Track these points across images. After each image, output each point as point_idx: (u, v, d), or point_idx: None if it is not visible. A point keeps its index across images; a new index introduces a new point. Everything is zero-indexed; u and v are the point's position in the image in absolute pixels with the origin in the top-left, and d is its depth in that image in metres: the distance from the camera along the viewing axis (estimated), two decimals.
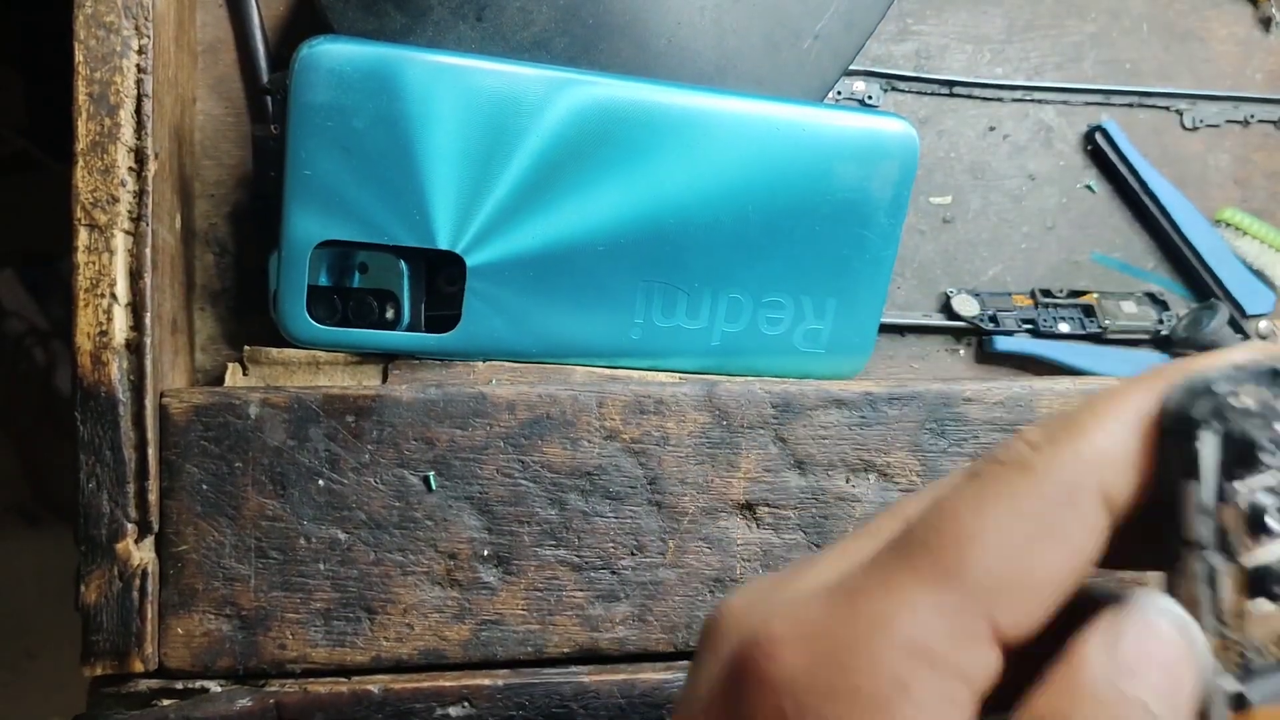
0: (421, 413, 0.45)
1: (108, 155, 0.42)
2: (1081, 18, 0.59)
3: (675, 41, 0.49)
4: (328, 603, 0.44)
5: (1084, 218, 0.59)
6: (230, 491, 0.44)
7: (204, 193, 0.52)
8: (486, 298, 0.47)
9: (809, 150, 0.48)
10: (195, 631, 0.43)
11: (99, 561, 0.42)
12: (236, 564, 0.44)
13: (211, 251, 0.52)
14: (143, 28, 0.43)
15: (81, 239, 0.42)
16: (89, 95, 0.42)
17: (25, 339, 1.40)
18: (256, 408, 0.44)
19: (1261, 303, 0.57)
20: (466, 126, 0.45)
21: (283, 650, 0.44)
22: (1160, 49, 0.59)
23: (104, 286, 0.42)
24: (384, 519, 0.44)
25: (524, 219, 0.46)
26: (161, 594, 0.43)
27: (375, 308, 0.47)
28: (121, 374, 0.42)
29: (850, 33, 0.52)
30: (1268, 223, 0.59)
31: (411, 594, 0.45)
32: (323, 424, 0.44)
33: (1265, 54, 0.60)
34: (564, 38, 0.48)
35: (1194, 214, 0.58)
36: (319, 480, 0.44)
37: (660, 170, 0.47)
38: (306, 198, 0.44)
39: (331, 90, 0.44)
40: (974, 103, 0.58)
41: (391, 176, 0.45)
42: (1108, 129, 0.58)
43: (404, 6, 0.47)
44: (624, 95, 0.46)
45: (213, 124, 0.52)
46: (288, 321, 0.46)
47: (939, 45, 0.58)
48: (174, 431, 0.43)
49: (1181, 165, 0.59)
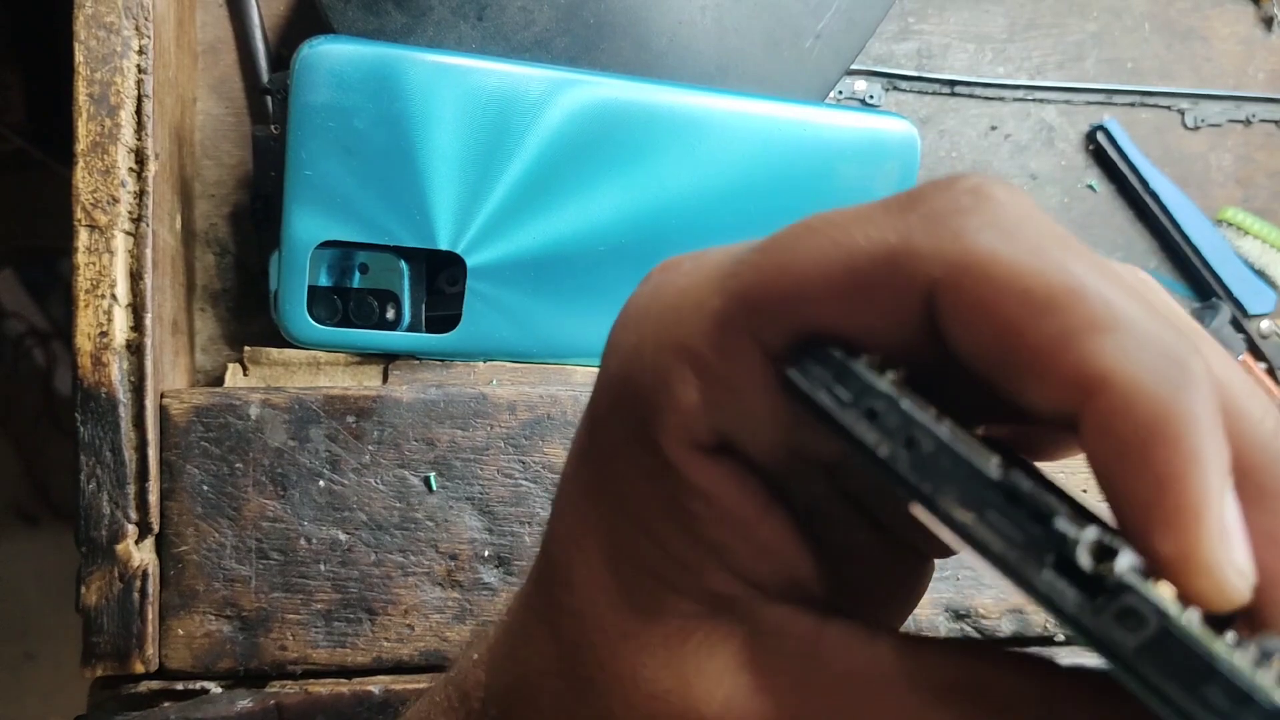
0: (422, 413, 0.45)
1: (108, 156, 0.42)
2: (1083, 17, 0.59)
3: (676, 41, 0.49)
4: (328, 604, 0.44)
5: (1086, 217, 0.59)
6: (231, 492, 0.43)
7: (204, 193, 0.52)
8: (487, 298, 0.47)
9: (810, 150, 0.48)
10: (196, 633, 0.43)
11: (100, 563, 0.42)
12: (237, 565, 0.43)
13: (212, 252, 0.52)
14: (143, 28, 0.43)
15: (82, 240, 0.42)
16: (89, 96, 0.42)
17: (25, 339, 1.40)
18: (257, 408, 0.44)
19: (1263, 302, 0.57)
20: (467, 127, 0.45)
21: (283, 651, 0.44)
22: (1162, 48, 0.59)
23: (104, 287, 0.42)
24: (385, 520, 0.44)
25: (525, 219, 0.46)
26: (162, 595, 0.43)
27: (376, 308, 0.47)
28: (122, 375, 0.42)
29: (851, 32, 0.52)
30: (1269, 222, 0.59)
31: (412, 595, 0.44)
32: (323, 425, 0.44)
33: (1267, 53, 0.60)
34: (565, 37, 0.48)
35: (1196, 213, 0.58)
36: (320, 481, 0.44)
37: (662, 170, 0.47)
38: (307, 198, 0.44)
39: (332, 90, 0.43)
40: (975, 102, 0.58)
41: (392, 176, 0.45)
42: (1109, 128, 0.57)
43: (405, 6, 0.47)
44: (625, 95, 0.46)
45: (213, 124, 0.52)
46: (288, 322, 0.46)
47: (940, 44, 0.58)
48: (174, 432, 0.43)
49: (1183, 165, 0.59)
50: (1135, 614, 0.14)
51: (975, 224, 0.17)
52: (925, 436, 0.16)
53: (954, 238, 0.17)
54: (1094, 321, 0.16)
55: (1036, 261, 0.16)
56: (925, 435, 0.16)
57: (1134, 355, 0.15)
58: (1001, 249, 0.16)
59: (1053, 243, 0.16)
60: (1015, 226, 0.17)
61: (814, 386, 0.18)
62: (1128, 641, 0.14)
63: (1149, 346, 0.15)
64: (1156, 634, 0.13)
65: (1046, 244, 0.16)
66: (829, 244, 0.18)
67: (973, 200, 0.17)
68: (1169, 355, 0.15)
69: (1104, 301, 0.16)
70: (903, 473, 0.16)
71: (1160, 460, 0.15)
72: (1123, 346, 0.15)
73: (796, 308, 0.18)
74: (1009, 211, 0.17)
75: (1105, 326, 0.16)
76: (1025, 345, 0.16)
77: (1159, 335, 0.16)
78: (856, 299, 0.18)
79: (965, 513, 0.15)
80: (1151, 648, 0.13)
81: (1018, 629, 0.49)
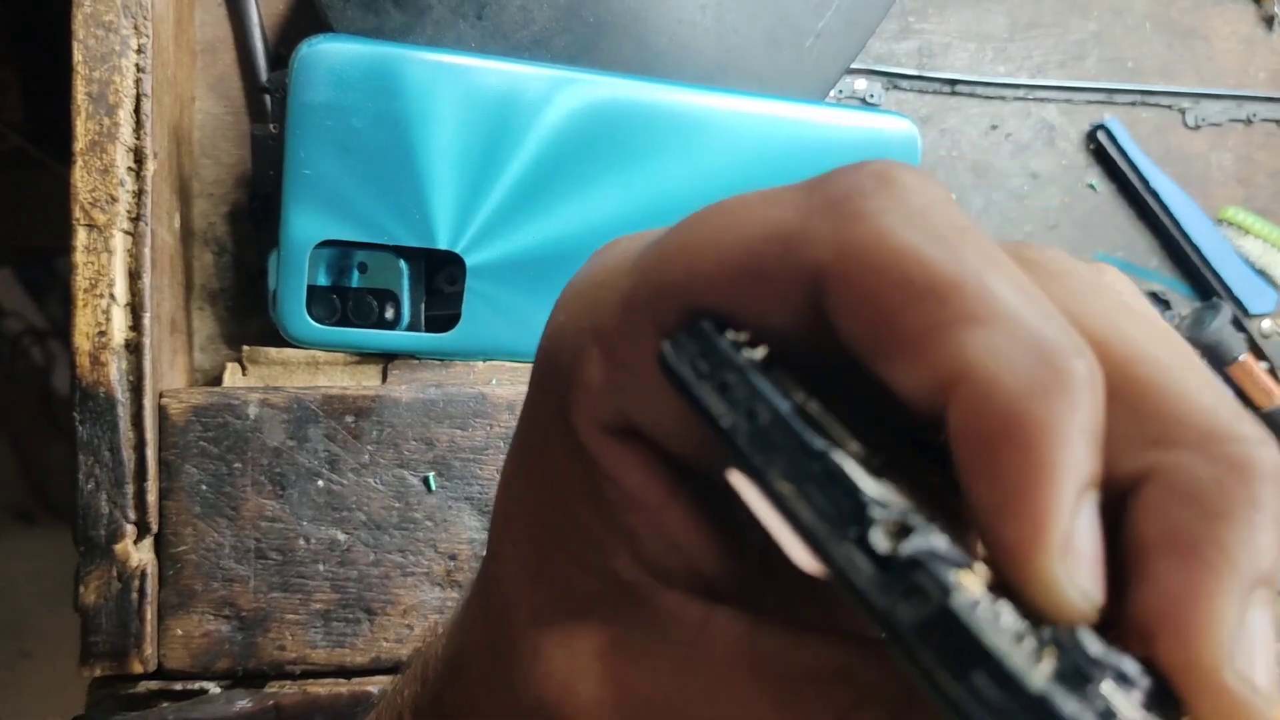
0: (421, 413, 0.45)
1: (106, 155, 0.42)
2: (1084, 16, 0.59)
3: (676, 40, 0.49)
4: (327, 604, 0.44)
5: (1087, 217, 0.58)
6: (229, 492, 0.43)
7: (203, 192, 0.51)
8: (487, 297, 0.46)
9: (810, 149, 0.48)
10: (194, 632, 0.43)
11: (98, 562, 0.41)
12: (235, 565, 0.43)
13: (210, 251, 0.52)
14: (141, 27, 0.42)
15: (80, 239, 0.42)
16: (88, 94, 0.42)
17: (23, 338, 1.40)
18: (256, 408, 0.44)
19: (1264, 302, 0.57)
20: (467, 125, 0.45)
21: (282, 651, 0.44)
22: (1163, 47, 0.59)
23: (103, 287, 0.42)
24: (384, 520, 0.44)
25: (525, 218, 0.46)
26: (160, 595, 0.43)
27: (375, 307, 0.47)
28: (120, 374, 0.42)
29: (852, 31, 0.51)
30: (1270, 222, 0.59)
31: (411, 595, 0.44)
32: (322, 424, 0.44)
33: (1268, 52, 0.60)
34: (564, 36, 0.48)
35: (1197, 213, 0.58)
36: (318, 481, 0.44)
37: (662, 169, 0.47)
38: (306, 197, 0.44)
39: (331, 89, 0.43)
40: (976, 101, 0.57)
41: (391, 176, 0.44)
42: (1110, 128, 0.57)
43: (403, 5, 0.47)
44: (625, 94, 0.46)
45: (212, 123, 0.52)
46: (287, 321, 0.45)
47: (941, 44, 0.57)
48: (173, 432, 0.43)
49: (1184, 164, 0.59)
50: (921, 591, 0.13)
51: (873, 208, 0.16)
52: (764, 409, 0.16)
53: (847, 221, 0.16)
54: (968, 314, 0.15)
55: (924, 249, 0.15)
56: (764, 407, 0.16)
57: (1001, 352, 0.15)
58: (890, 234, 0.16)
59: (949, 232, 0.16)
60: (913, 213, 0.16)
61: (679, 360, 0.18)
62: (907, 617, 0.13)
63: (1021, 344, 0.15)
64: (935, 612, 0.13)
65: (942, 233, 0.16)
66: (731, 223, 0.18)
67: (875, 184, 0.17)
68: (1043, 356, 0.14)
69: (984, 295, 0.15)
70: (740, 443, 0.16)
71: (1009, 465, 0.14)
72: (991, 342, 0.15)
73: (691, 288, 0.18)
74: (911, 198, 0.16)
75: (978, 320, 0.15)
76: (896, 333, 0.15)
77: (1039, 335, 0.15)
78: (746, 280, 0.17)
79: (786, 484, 0.15)
80: (929, 626, 0.13)
81: None
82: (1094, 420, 0.15)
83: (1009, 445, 0.14)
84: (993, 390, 0.14)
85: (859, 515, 0.14)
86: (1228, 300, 0.57)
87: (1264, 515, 0.14)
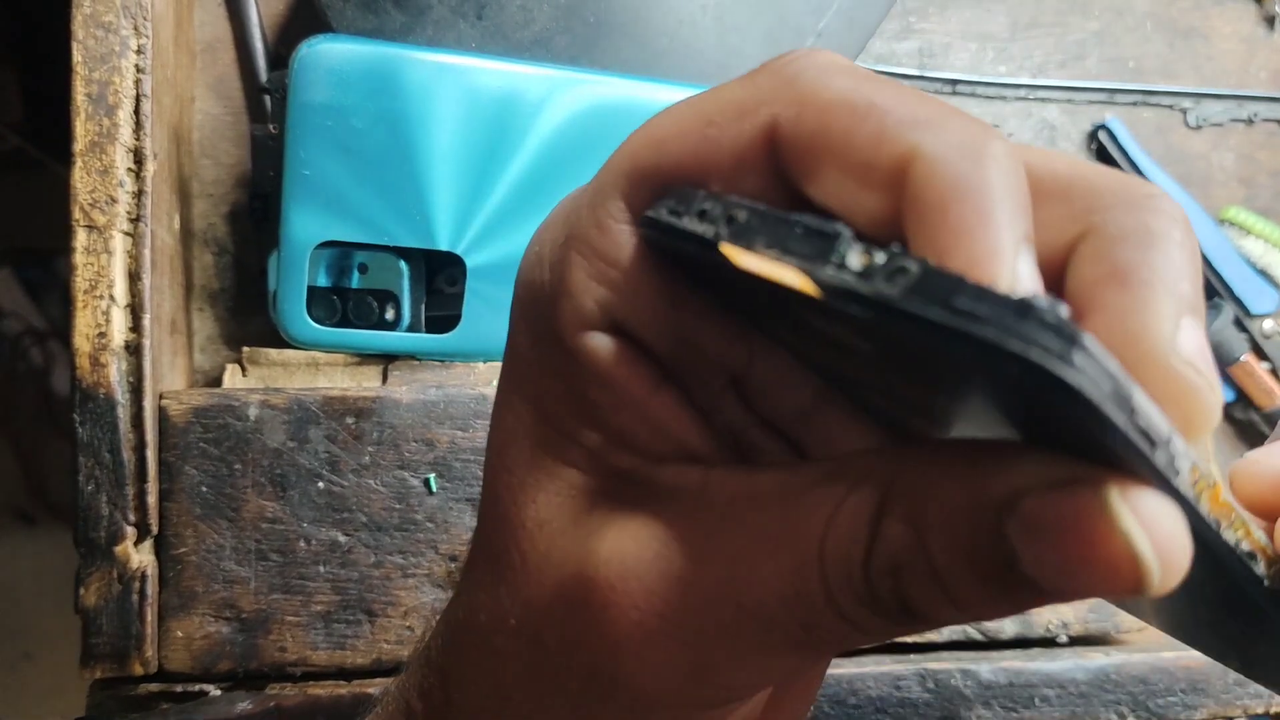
0: (422, 414, 0.44)
1: (106, 155, 0.42)
2: (1085, 15, 0.59)
3: (677, 40, 0.49)
4: (328, 605, 0.44)
5: None
6: (230, 493, 0.43)
7: (202, 192, 0.51)
8: (487, 298, 0.46)
9: None
10: (195, 634, 0.43)
11: (98, 564, 0.41)
12: (236, 566, 0.43)
13: (210, 252, 0.52)
14: (141, 27, 0.42)
15: (80, 240, 0.42)
16: (87, 95, 0.42)
17: (22, 339, 1.40)
18: (256, 409, 0.43)
19: (1266, 302, 0.57)
20: (467, 126, 0.45)
21: (283, 653, 0.44)
22: (1164, 47, 0.59)
23: (102, 288, 0.41)
24: (384, 521, 0.44)
25: (525, 219, 0.46)
26: (161, 596, 0.43)
27: (375, 308, 0.47)
28: (120, 375, 0.42)
29: (853, 31, 0.51)
30: (1272, 221, 0.59)
31: (412, 596, 0.44)
32: (322, 425, 0.44)
33: (1269, 52, 0.60)
34: (565, 36, 0.48)
35: (1198, 213, 0.58)
36: (319, 482, 0.44)
37: None
38: (306, 197, 0.44)
39: (331, 89, 0.43)
40: (977, 101, 0.57)
41: (391, 176, 0.44)
42: (1111, 127, 0.57)
43: (403, 5, 0.47)
44: (625, 94, 0.46)
45: (211, 123, 0.52)
46: (287, 322, 0.45)
47: (942, 43, 0.57)
48: (173, 433, 0.43)
49: (1185, 164, 0.59)
50: (902, 270, 0.16)
51: (807, 67, 0.20)
52: (741, 210, 0.19)
53: (792, 79, 0.20)
54: (909, 119, 0.19)
55: (863, 84, 0.19)
56: (741, 209, 0.19)
57: (940, 138, 0.18)
58: (830, 77, 0.20)
59: (871, 77, 0.20)
60: (839, 68, 0.20)
61: (659, 211, 0.21)
62: (895, 289, 0.16)
63: (955, 134, 0.18)
64: (919, 275, 0.16)
65: (868, 78, 0.20)
66: (688, 109, 0.21)
67: (804, 55, 0.20)
68: (974, 142, 0.18)
69: (912, 108, 0.19)
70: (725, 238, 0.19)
71: (958, 214, 0.18)
72: (930, 134, 0.18)
73: (660, 166, 0.21)
74: (833, 59, 0.20)
75: (919, 123, 0.18)
76: (853, 145, 0.19)
77: (968, 129, 0.18)
78: (707, 147, 0.21)
79: (771, 250, 0.18)
80: (915, 288, 0.16)
81: (1020, 630, 0.49)
82: (1020, 185, 0.18)
83: (959, 198, 0.18)
84: (939, 161, 0.18)
85: (836, 245, 0.18)
86: (1229, 300, 0.57)
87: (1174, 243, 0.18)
